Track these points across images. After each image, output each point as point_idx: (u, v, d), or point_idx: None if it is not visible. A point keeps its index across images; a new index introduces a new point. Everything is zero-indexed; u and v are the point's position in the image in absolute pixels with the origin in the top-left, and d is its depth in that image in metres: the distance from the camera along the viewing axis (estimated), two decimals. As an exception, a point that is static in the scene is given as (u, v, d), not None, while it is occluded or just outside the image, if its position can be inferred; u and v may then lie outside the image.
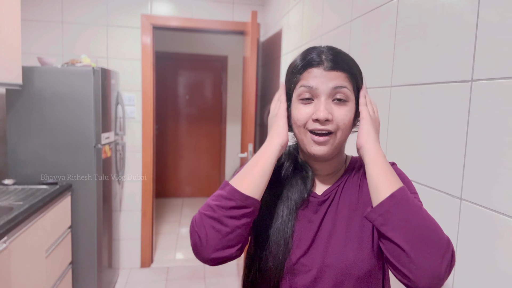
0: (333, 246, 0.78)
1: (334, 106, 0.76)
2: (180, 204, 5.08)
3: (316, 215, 0.81)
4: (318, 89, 0.75)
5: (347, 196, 0.82)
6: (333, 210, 0.81)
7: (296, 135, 0.81)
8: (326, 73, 0.75)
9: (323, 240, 0.79)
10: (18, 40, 2.13)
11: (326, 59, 0.76)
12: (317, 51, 0.78)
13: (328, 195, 0.82)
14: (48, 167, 2.37)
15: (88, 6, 2.96)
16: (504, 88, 0.76)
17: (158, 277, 3.10)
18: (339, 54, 0.79)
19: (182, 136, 5.23)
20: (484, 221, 0.81)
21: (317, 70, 0.76)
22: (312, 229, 0.80)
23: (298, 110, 0.78)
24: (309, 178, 0.83)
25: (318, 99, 0.75)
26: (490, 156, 0.80)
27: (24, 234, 1.73)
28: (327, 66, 0.76)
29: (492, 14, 0.80)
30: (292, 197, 0.81)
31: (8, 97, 2.32)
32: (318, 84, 0.75)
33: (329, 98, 0.75)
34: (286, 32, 2.57)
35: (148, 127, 3.15)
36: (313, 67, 0.76)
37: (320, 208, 0.82)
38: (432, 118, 0.99)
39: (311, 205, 0.82)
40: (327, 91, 0.75)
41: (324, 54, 0.77)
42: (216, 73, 5.24)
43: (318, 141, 0.76)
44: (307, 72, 0.77)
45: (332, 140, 0.76)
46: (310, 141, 0.77)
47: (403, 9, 1.14)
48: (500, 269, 0.77)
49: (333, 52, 0.78)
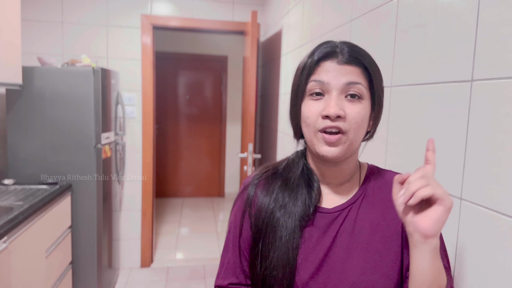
0: (349, 273, 0.71)
1: (346, 103, 0.69)
2: (180, 204, 5.08)
3: (326, 235, 0.73)
4: (330, 84, 0.69)
5: (366, 215, 0.74)
6: (348, 230, 0.73)
7: (305, 135, 0.75)
8: (339, 67, 0.69)
9: (336, 263, 0.72)
10: (18, 40, 2.13)
11: (341, 52, 0.71)
12: (331, 44, 0.73)
13: (340, 211, 0.75)
14: (48, 167, 2.37)
15: (88, 6, 2.96)
16: (504, 88, 0.76)
17: (158, 277, 3.10)
18: (355, 48, 0.72)
19: (182, 136, 5.24)
20: (484, 221, 0.81)
21: (330, 63, 0.70)
22: (321, 250, 0.73)
23: (307, 107, 0.72)
24: (314, 190, 0.75)
25: (329, 94, 0.69)
26: (490, 156, 0.80)
27: (24, 234, 1.73)
28: (341, 59, 0.70)
29: (492, 14, 0.80)
30: (296, 211, 0.74)
31: (8, 97, 2.32)
32: (330, 79, 0.69)
33: (341, 94, 0.69)
34: (286, 32, 2.57)
35: (148, 127, 3.15)
36: (325, 60, 0.70)
37: (331, 226, 0.74)
38: (432, 118, 0.99)
39: (319, 222, 0.74)
40: (339, 86, 0.69)
41: (339, 47, 0.72)
42: (216, 73, 5.25)
43: (329, 141, 0.69)
44: (319, 66, 0.71)
45: (344, 139, 0.69)
46: (320, 141, 0.70)
47: (403, 9, 1.14)
48: (501, 269, 0.77)
49: (349, 45, 0.72)
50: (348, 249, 0.72)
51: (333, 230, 0.73)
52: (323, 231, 0.74)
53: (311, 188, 0.76)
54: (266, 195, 0.78)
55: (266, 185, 0.80)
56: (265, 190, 0.79)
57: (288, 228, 0.73)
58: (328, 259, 0.72)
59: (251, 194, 0.80)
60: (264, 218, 0.76)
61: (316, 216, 0.75)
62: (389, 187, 0.75)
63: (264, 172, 0.83)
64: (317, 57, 0.71)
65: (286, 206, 0.75)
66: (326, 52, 0.71)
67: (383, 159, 1.24)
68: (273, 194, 0.77)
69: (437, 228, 0.59)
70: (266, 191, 0.79)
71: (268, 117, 3.12)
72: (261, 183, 0.81)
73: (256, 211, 0.78)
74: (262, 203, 0.78)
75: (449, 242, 0.92)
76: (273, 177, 0.81)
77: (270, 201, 0.77)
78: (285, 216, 0.74)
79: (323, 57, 0.71)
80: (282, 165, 0.82)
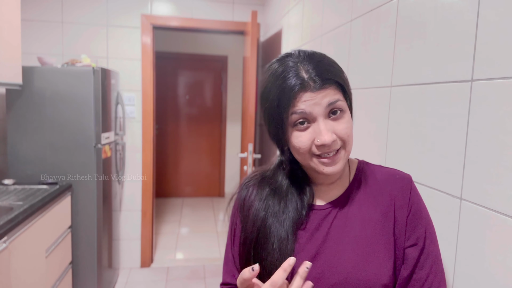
0: (342, 266, 0.72)
1: (333, 123, 0.70)
2: (180, 204, 5.08)
3: (318, 231, 0.75)
4: (313, 113, 0.68)
5: (357, 210, 0.77)
6: (340, 225, 0.75)
7: (300, 161, 0.75)
8: (315, 95, 0.68)
9: (329, 257, 0.73)
10: (18, 40, 2.13)
11: (310, 78, 0.68)
12: (295, 73, 0.68)
13: (332, 207, 0.77)
14: (48, 167, 2.37)
15: (88, 6, 2.96)
16: (504, 88, 0.76)
17: (158, 277, 3.10)
18: (320, 64, 0.69)
19: (182, 136, 5.24)
20: (484, 221, 0.81)
21: (305, 94, 0.68)
22: (314, 244, 0.74)
23: (297, 139, 0.71)
24: (306, 194, 0.77)
25: (315, 123, 0.69)
26: (490, 156, 0.80)
27: (24, 234, 1.73)
28: (314, 87, 0.67)
29: (492, 14, 0.80)
30: (288, 218, 0.75)
31: (8, 97, 2.32)
32: (311, 108, 0.68)
33: (326, 117, 0.70)
34: (286, 32, 2.57)
35: (148, 127, 3.15)
36: (299, 93, 0.68)
37: (323, 222, 0.76)
38: (432, 118, 0.99)
39: (312, 219, 0.76)
40: (322, 111, 0.68)
41: (306, 74, 0.68)
42: (216, 73, 5.25)
43: (328, 163, 0.71)
44: (295, 98, 0.68)
45: (343, 153, 0.72)
46: (319, 164, 0.71)
47: (403, 9, 1.14)
48: (501, 270, 0.77)
49: (313, 65, 0.69)
50: (340, 243, 0.74)
51: (325, 226, 0.76)
52: (316, 227, 0.76)
53: (303, 193, 0.78)
54: (256, 200, 0.79)
55: (255, 190, 0.81)
56: (254, 194, 0.81)
57: (281, 235, 0.74)
58: (321, 253, 0.74)
59: (242, 196, 0.83)
60: (255, 223, 0.77)
61: (309, 214, 0.77)
62: (378, 182, 0.78)
63: (253, 176, 0.85)
64: (291, 92, 0.68)
65: (277, 214, 0.76)
66: (295, 85, 0.68)
67: (383, 159, 1.24)
68: (263, 202, 0.78)
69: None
70: (256, 196, 0.80)
71: (268, 117, 3.11)
72: (250, 186, 0.83)
73: (246, 215, 0.80)
74: (253, 208, 0.79)
75: (449, 242, 0.92)
76: (261, 183, 0.82)
77: (260, 208, 0.78)
78: (276, 224, 0.75)
79: (294, 91, 0.68)
80: (269, 171, 0.83)
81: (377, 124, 1.29)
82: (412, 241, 0.74)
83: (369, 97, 1.34)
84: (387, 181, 0.78)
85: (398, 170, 0.81)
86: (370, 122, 1.33)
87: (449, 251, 0.92)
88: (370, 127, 1.34)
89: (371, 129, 1.33)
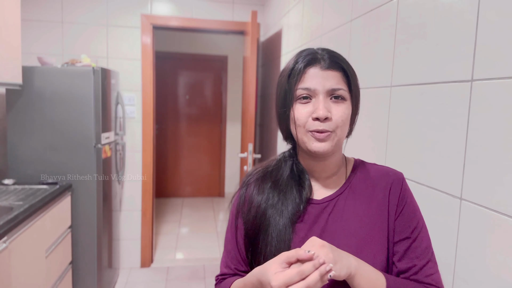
0: None
1: (332, 104, 0.77)
2: (180, 204, 5.08)
3: (316, 224, 0.80)
4: (316, 89, 0.76)
5: (352, 205, 0.81)
6: (337, 219, 0.79)
7: (296, 135, 0.81)
8: (322, 73, 0.76)
9: None
10: (18, 40, 2.13)
11: (322, 58, 0.78)
12: (312, 51, 0.79)
13: (329, 202, 0.81)
14: (48, 167, 2.37)
15: (88, 6, 2.96)
16: (504, 88, 0.76)
17: (158, 277, 3.10)
18: (334, 53, 0.80)
19: (182, 136, 5.24)
20: (484, 221, 0.81)
21: (314, 69, 0.77)
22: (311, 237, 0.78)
23: (297, 110, 0.78)
24: (305, 188, 0.82)
25: (316, 98, 0.76)
26: (490, 156, 0.80)
27: (24, 234, 1.73)
28: (323, 65, 0.77)
29: (492, 14, 0.80)
30: (286, 210, 0.80)
31: (8, 97, 2.32)
32: (316, 85, 0.76)
33: (327, 96, 0.77)
34: (286, 32, 2.57)
35: (148, 127, 3.15)
36: (309, 67, 0.77)
37: (321, 216, 0.80)
38: (432, 118, 0.99)
39: (310, 213, 0.81)
40: (324, 90, 0.76)
41: (320, 54, 0.78)
42: (216, 73, 5.25)
43: (319, 138, 0.76)
44: (304, 73, 0.77)
45: (333, 136, 0.77)
46: (311, 139, 0.77)
47: (403, 9, 1.14)
48: (500, 270, 0.77)
49: (328, 51, 0.80)
50: (336, 236, 0.78)
51: (322, 219, 0.80)
52: (314, 220, 0.80)
53: (302, 187, 0.82)
54: (257, 195, 0.84)
55: (257, 185, 0.86)
56: (256, 190, 0.85)
57: (280, 225, 0.79)
58: None
59: (243, 193, 0.87)
60: (256, 216, 0.82)
61: (307, 207, 0.81)
62: (373, 178, 0.83)
63: (255, 172, 0.89)
64: (302, 64, 0.77)
65: (276, 205, 0.81)
66: (309, 59, 0.77)
67: (383, 159, 1.24)
68: (264, 194, 0.83)
69: None
70: (257, 191, 0.85)
71: (268, 117, 3.12)
72: (252, 183, 0.87)
73: (248, 210, 0.85)
74: (254, 202, 0.84)
75: (449, 242, 0.92)
76: (263, 178, 0.86)
77: (261, 201, 0.83)
78: (275, 215, 0.80)
79: (307, 64, 0.77)
80: (271, 166, 0.88)
81: (377, 124, 1.29)
82: (405, 234, 0.78)
83: (369, 97, 1.34)
84: (381, 178, 0.83)
85: (391, 168, 0.86)
86: (370, 122, 1.33)
87: (449, 251, 0.92)
88: (370, 127, 1.34)
89: (371, 129, 1.33)
